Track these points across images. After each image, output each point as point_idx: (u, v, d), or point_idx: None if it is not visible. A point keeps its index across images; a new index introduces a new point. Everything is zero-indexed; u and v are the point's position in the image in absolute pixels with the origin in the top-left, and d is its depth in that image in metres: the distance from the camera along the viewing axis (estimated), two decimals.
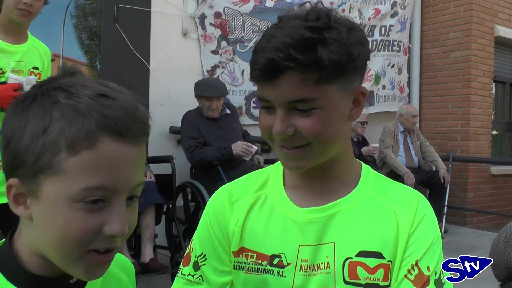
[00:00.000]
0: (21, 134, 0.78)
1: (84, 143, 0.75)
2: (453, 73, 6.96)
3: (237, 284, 1.23)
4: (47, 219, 0.79)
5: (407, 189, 1.25)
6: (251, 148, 4.26)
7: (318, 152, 1.12)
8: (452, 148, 6.93)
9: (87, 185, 0.76)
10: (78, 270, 0.81)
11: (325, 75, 1.03)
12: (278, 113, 1.08)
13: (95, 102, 0.77)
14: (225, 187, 1.31)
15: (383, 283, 1.13)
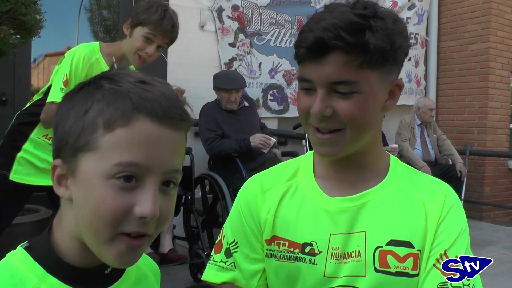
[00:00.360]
0: (67, 117, 0.83)
1: (119, 121, 0.79)
2: (470, 66, 6.91)
3: (269, 271, 1.26)
4: (82, 196, 0.81)
5: (435, 180, 1.28)
6: (269, 140, 4.28)
7: (351, 138, 1.15)
8: (469, 142, 6.89)
9: (119, 160, 0.78)
10: (110, 253, 0.82)
11: (369, 60, 1.08)
12: (319, 93, 1.11)
13: (135, 86, 0.82)
14: (256, 176, 1.34)
15: (412, 272, 1.16)
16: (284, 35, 5.79)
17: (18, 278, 0.82)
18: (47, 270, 0.84)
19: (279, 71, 5.77)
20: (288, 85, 5.85)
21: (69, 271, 0.85)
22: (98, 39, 5.74)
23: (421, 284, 1.16)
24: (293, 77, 5.86)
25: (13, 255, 0.87)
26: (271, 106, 5.71)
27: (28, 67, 4.61)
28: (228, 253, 1.30)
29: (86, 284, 0.87)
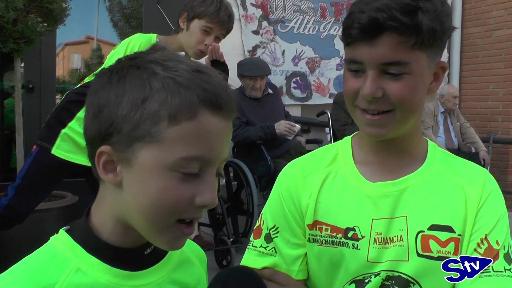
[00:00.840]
0: (118, 103, 0.80)
1: (186, 114, 0.79)
2: (495, 52, 6.82)
3: (311, 256, 1.27)
4: (140, 186, 0.81)
5: (473, 165, 1.28)
6: (294, 127, 4.28)
7: (400, 120, 1.15)
8: (493, 130, 6.82)
9: (186, 154, 0.79)
10: (163, 239, 0.84)
11: (421, 41, 1.08)
12: (369, 74, 1.12)
13: (194, 77, 0.81)
14: (295, 162, 1.35)
15: (453, 257, 1.16)
16: (308, 22, 5.77)
17: (59, 258, 0.84)
18: (87, 250, 0.85)
19: (303, 58, 5.77)
20: (311, 72, 5.84)
21: (109, 251, 0.86)
22: (117, 28, 5.78)
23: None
24: (316, 64, 5.85)
25: (55, 238, 0.88)
26: (294, 94, 5.72)
27: (53, 55, 4.67)
28: (269, 238, 1.31)
29: (126, 263, 0.88)
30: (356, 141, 1.32)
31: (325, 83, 5.96)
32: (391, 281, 1.18)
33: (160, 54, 0.85)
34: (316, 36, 5.85)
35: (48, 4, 3.55)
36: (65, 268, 0.82)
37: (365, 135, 1.22)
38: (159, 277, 0.91)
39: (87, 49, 5.61)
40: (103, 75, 0.85)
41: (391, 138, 1.21)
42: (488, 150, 6.22)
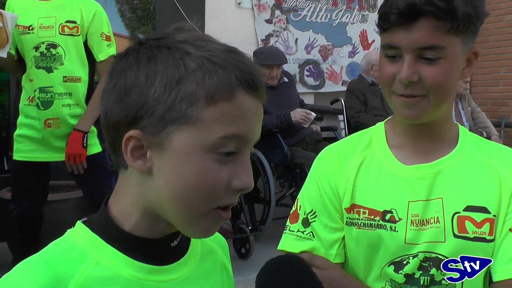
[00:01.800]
0: (149, 84, 0.75)
1: (224, 94, 0.76)
2: (506, 37, 6.80)
3: (349, 239, 1.30)
4: (175, 170, 0.77)
5: (504, 147, 1.32)
6: (310, 115, 4.32)
7: (434, 104, 1.19)
8: (504, 114, 6.82)
9: (224, 133, 0.76)
10: (199, 227, 0.80)
11: (456, 26, 1.12)
12: (406, 59, 1.16)
13: (229, 57, 0.77)
14: (331, 147, 1.39)
15: (489, 237, 1.20)
16: (320, 10, 5.79)
17: (77, 251, 0.79)
18: (107, 241, 0.80)
19: (315, 46, 5.79)
20: (324, 60, 5.86)
21: (132, 242, 0.81)
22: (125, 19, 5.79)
23: (497, 248, 1.20)
24: (328, 52, 5.88)
25: (72, 231, 0.83)
26: (307, 82, 5.75)
27: None
28: (306, 222, 1.34)
29: (150, 256, 0.82)
30: (390, 126, 1.35)
31: (337, 70, 5.98)
32: (428, 262, 1.21)
33: (188, 33, 0.80)
34: (328, 24, 5.86)
35: None
36: (84, 261, 0.78)
37: (401, 118, 1.25)
38: (184, 272, 0.86)
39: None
40: (128, 55, 0.80)
41: (424, 123, 1.24)
42: (500, 134, 6.22)
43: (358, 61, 5.90)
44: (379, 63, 1.26)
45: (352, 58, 6.06)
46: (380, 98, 5.01)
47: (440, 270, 1.20)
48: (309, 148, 4.47)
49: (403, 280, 1.23)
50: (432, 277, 1.21)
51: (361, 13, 6.12)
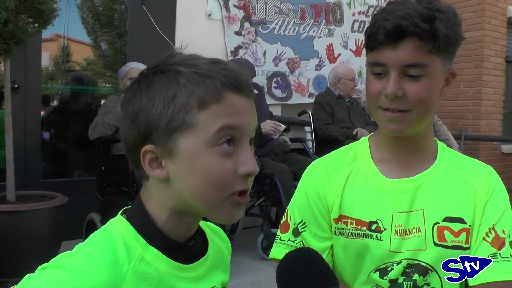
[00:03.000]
0: (151, 105, 0.88)
1: (213, 98, 0.87)
2: (466, 53, 7.05)
3: (337, 248, 1.36)
4: (187, 171, 0.88)
5: (479, 163, 1.41)
6: (279, 126, 4.39)
7: (416, 119, 1.27)
8: (464, 127, 7.06)
9: (220, 126, 0.86)
10: (222, 213, 0.90)
11: (437, 47, 1.21)
12: (392, 76, 1.24)
13: (214, 67, 0.89)
14: (319, 161, 1.46)
15: (465, 246, 1.28)
16: (288, 23, 5.89)
17: (129, 245, 0.88)
18: (147, 241, 0.90)
19: (283, 59, 5.89)
20: (291, 72, 5.96)
21: (166, 243, 0.92)
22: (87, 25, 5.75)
23: (472, 255, 1.27)
24: (296, 65, 5.98)
25: (118, 225, 0.92)
26: (275, 94, 5.83)
27: (39, 54, 4.63)
28: (297, 232, 1.40)
29: (179, 256, 0.93)
30: (373, 141, 1.43)
31: (304, 83, 6.09)
32: (411, 268, 1.28)
33: (178, 57, 0.93)
34: (296, 37, 5.97)
35: (39, 5, 3.55)
36: (133, 256, 0.87)
37: (386, 131, 1.33)
38: (203, 270, 0.98)
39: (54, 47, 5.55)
40: (132, 85, 0.93)
41: (407, 137, 1.32)
42: (460, 146, 6.43)
43: (324, 74, 6.02)
44: (366, 79, 1.34)
45: (318, 71, 6.18)
46: (347, 111, 5.12)
47: (422, 276, 1.28)
48: (278, 159, 4.53)
49: (387, 285, 1.30)
50: (415, 282, 1.28)
51: (327, 27, 6.25)
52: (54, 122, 5.20)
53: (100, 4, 5.68)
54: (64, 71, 5.58)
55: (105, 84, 6.00)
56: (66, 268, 0.81)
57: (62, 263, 0.82)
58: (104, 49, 5.84)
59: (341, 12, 6.36)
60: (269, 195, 4.26)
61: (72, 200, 3.74)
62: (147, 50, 4.93)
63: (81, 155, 5.24)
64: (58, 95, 5.55)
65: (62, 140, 5.32)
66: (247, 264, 4.13)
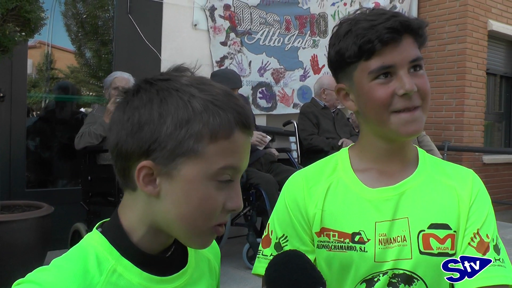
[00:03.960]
0: (162, 122, 0.87)
1: (224, 133, 0.89)
2: (448, 65, 7.16)
3: (321, 261, 1.35)
4: (182, 195, 0.89)
5: (460, 168, 1.41)
6: (265, 138, 4.41)
7: (424, 114, 1.29)
8: (447, 138, 7.15)
9: (224, 164, 0.89)
10: (199, 241, 0.94)
11: (422, 42, 1.27)
12: (402, 74, 1.24)
13: (229, 100, 0.91)
14: (299, 173, 1.44)
15: (451, 252, 1.28)
16: (273, 34, 5.94)
17: (100, 258, 0.90)
18: (121, 253, 0.92)
19: (268, 69, 5.93)
20: (276, 83, 6.00)
21: (139, 256, 0.93)
22: (71, 33, 5.72)
23: None
24: (280, 75, 6.02)
25: (92, 238, 0.94)
26: (260, 104, 5.86)
27: (25, 62, 4.61)
28: (279, 246, 1.38)
29: (152, 268, 0.94)
30: (354, 151, 1.42)
31: (289, 93, 6.13)
32: (397, 278, 1.27)
33: (190, 77, 0.94)
34: (281, 48, 6.01)
35: (26, 13, 3.54)
36: (104, 268, 0.89)
37: (405, 135, 1.28)
38: (183, 281, 0.99)
39: (37, 55, 5.52)
40: (138, 94, 0.91)
41: (390, 144, 1.32)
42: (443, 157, 6.49)
43: (309, 85, 6.06)
44: (367, 90, 1.29)
45: (303, 81, 6.22)
46: (332, 121, 5.16)
47: (407, 285, 1.27)
48: (264, 169, 4.55)
49: None
50: None
51: (312, 38, 6.31)
52: (39, 131, 5.16)
53: (84, 11, 5.65)
54: (47, 79, 5.55)
55: (89, 92, 5.97)
56: (36, 283, 0.83)
57: (33, 278, 0.84)
58: (88, 57, 5.82)
59: (325, 23, 6.42)
60: (254, 205, 4.27)
61: (58, 210, 3.72)
62: (133, 59, 4.94)
63: (66, 165, 5.21)
64: (43, 103, 5.52)
65: (47, 149, 5.28)
66: (232, 274, 4.13)
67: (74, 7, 5.60)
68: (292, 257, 1.05)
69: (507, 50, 8.33)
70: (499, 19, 7.60)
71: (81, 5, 5.63)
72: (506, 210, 7.54)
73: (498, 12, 7.60)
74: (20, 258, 3.26)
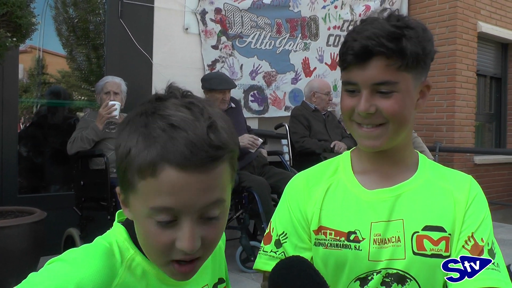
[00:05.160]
0: (117, 151, 0.90)
1: (148, 170, 0.84)
2: (439, 67, 7.20)
3: (317, 259, 1.39)
4: (136, 225, 0.93)
5: (460, 173, 1.44)
6: (257, 140, 4.42)
7: (392, 132, 1.30)
8: (438, 139, 7.18)
9: (152, 205, 0.85)
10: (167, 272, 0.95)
11: (406, 64, 1.25)
12: (363, 94, 1.28)
13: (164, 133, 0.84)
14: (301, 174, 1.49)
15: (445, 254, 1.30)
16: (264, 37, 5.95)
17: (121, 247, 0.96)
18: (138, 248, 0.97)
19: (260, 72, 5.94)
20: (268, 86, 6.01)
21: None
22: (62, 38, 5.71)
23: None
24: (272, 78, 6.04)
25: (114, 230, 1.01)
26: (251, 107, 5.87)
27: (16, 68, 4.59)
28: (278, 243, 1.42)
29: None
30: (355, 154, 1.46)
31: (281, 96, 6.14)
32: (390, 277, 1.30)
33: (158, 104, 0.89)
34: (272, 51, 6.02)
35: (17, 19, 3.54)
36: (125, 256, 0.96)
37: (363, 147, 1.37)
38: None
39: (29, 59, 5.50)
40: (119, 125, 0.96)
41: (386, 149, 1.35)
42: (435, 158, 6.54)
43: (300, 88, 6.08)
44: (341, 96, 1.37)
45: (294, 84, 6.24)
46: (323, 124, 5.18)
47: (400, 285, 1.30)
48: (256, 172, 4.56)
49: None
50: None
51: (303, 41, 6.33)
52: (31, 136, 5.15)
53: (76, 16, 5.64)
54: (39, 84, 5.54)
55: (81, 97, 5.96)
56: (64, 260, 0.89)
57: (62, 256, 0.90)
58: (80, 61, 5.81)
59: (316, 26, 6.45)
60: (247, 208, 4.29)
61: (50, 215, 3.71)
62: (125, 63, 4.95)
63: (59, 170, 5.20)
64: (34, 108, 5.50)
65: (39, 154, 5.27)
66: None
67: (66, 11, 5.59)
68: (297, 263, 1.06)
69: (497, 51, 8.40)
70: (488, 21, 7.66)
71: (72, 10, 5.62)
72: (497, 210, 7.59)
73: (487, 14, 7.65)
74: (13, 264, 3.25)
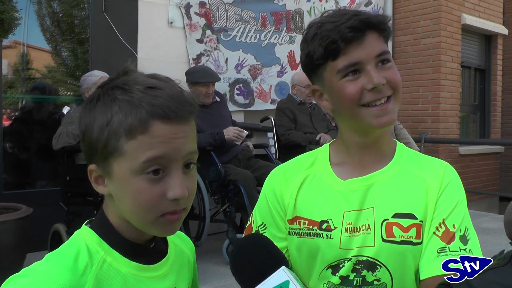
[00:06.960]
0: (92, 128, 0.95)
1: (139, 129, 0.92)
2: (423, 59, 7.26)
3: (292, 247, 1.42)
4: (120, 192, 0.96)
5: (436, 160, 1.44)
6: (242, 132, 4.43)
7: (398, 104, 1.34)
8: (424, 130, 7.25)
9: (145, 158, 0.92)
10: (155, 230, 0.99)
11: (387, 35, 1.32)
12: (370, 68, 1.29)
13: (145, 95, 0.93)
14: (280, 167, 1.52)
15: (416, 240, 1.32)
16: (249, 31, 5.97)
17: (91, 250, 0.97)
18: (109, 245, 0.99)
19: (245, 66, 5.96)
20: (254, 79, 6.04)
21: (127, 246, 1.01)
22: (47, 33, 5.69)
23: (424, 249, 1.32)
24: (258, 71, 6.06)
25: (81, 233, 1.02)
26: (237, 100, 5.89)
27: None
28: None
29: (138, 257, 1.02)
30: (333, 146, 1.48)
31: (266, 89, 6.17)
32: (360, 264, 1.32)
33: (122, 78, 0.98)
34: (257, 44, 6.05)
35: None
36: (95, 259, 0.96)
37: (379, 126, 1.34)
38: (165, 270, 1.06)
39: (13, 54, 5.48)
40: (84, 105, 1.00)
41: (366, 138, 1.37)
42: (420, 149, 6.59)
43: (286, 81, 6.11)
44: (338, 89, 1.34)
45: (280, 77, 6.27)
46: (309, 116, 5.20)
47: (371, 272, 1.32)
48: (242, 165, 4.58)
49: (338, 281, 1.34)
50: (364, 278, 1.33)
51: (288, 34, 6.35)
52: (16, 132, 5.13)
53: (60, 10, 5.62)
54: (24, 79, 5.52)
55: (67, 92, 5.95)
56: (27, 275, 0.89)
57: (25, 271, 0.90)
58: (65, 56, 5.79)
59: (301, 19, 6.47)
60: (233, 201, 4.31)
61: (37, 211, 3.72)
62: (110, 58, 4.93)
63: (44, 166, 5.19)
64: (19, 104, 5.49)
65: (24, 150, 5.26)
66: (213, 270, 4.16)
67: (49, 6, 5.57)
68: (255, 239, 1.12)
69: (480, 43, 8.49)
70: (472, 13, 7.73)
71: (57, 4, 5.60)
72: (481, 199, 7.68)
73: (471, 6, 7.72)
74: None
